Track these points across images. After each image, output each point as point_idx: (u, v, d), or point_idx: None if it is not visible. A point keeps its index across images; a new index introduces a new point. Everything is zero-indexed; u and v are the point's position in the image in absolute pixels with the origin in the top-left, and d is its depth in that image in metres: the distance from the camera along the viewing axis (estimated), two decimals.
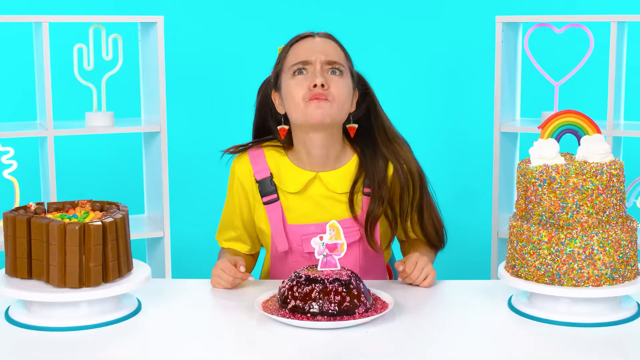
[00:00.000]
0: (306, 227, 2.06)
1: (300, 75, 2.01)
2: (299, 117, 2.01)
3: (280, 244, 2.07)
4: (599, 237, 1.69)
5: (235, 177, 2.14)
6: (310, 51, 2.02)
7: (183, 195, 3.66)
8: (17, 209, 1.78)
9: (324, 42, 2.05)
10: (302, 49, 2.04)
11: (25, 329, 1.70)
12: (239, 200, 2.13)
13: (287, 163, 2.10)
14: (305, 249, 2.06)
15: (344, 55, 2.06)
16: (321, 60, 2.01)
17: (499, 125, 3.19)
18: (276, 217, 2.07)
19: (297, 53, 2.03)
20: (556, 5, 3.64)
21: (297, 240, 2.07)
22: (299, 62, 2.01)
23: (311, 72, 2.00)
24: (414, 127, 2.26)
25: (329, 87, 1.99)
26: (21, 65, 3.45)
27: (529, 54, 3.19)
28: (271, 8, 3.74)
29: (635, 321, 1.73)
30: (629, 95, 3.33)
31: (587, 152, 1.75)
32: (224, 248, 2.21)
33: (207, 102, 3.75)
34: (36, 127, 3.09)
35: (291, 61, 2.03)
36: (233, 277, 1.95)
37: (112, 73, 3.15)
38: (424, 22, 3.77)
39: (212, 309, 1.88)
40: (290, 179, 2.08)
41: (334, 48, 2.05)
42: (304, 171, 2.08)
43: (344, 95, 2.01)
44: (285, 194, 2.08)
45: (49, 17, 2.96)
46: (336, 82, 2.00)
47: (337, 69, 2.02)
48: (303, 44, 2.05)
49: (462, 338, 1.66)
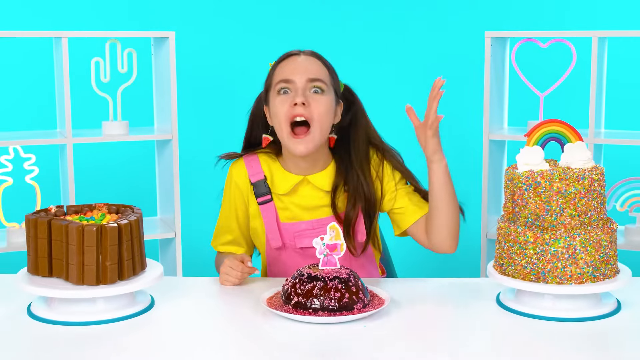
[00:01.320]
0: (298, 224, 2.07)
1: (284, 95, 2.01)
2: (284, 143, 2.03)
3: (274, 241, 2.07)
4: (581, 237, 1.69)
5: (232, 180, 2.14)
6: (294, 70, 2.01)
7: (193, 199, 3.66)
8: (39, 211, 1.78)
9: (307, 60, 2.03)
10: (287, 67, 2.03)
11: (46, 323, 1.70)
12: (234, 202, 2.13)
13: (278, 167, 2.11)
14: (298, 244, 2.06)
15: (326, 72, 2.04)
16: (303, 78, 2.00)
17: (487, 133, 3.19)
18: (270, 217, 2.08)
19: (282, 72, 2.03)
20: (541, 21, 3.65)
21: (290, 237, 2.07)
22: (282, 81, 2.01)
23: (293, 91, 2.00)
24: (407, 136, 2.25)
25: (310, 106, 1.98)
26: (42, 78, 3.45)
27: (516, 66, 3.19)
28: (274, 25, 3.75)
29: (614, 316, 1.73)
30: (609, 105, 3.33)
31: (570, 159, 1.75)
32: (220, 253, 2.18)
33: (216, 111, 3.75)
34: (56, 136, 3.09)
35: (276, 79, 2.03)
36: (241, 273, 1.95)
37: (127, 85, 3.16)
38: (417, 36, 3.78)
39: (220, 305, 1.87)
40: (281, 182, 2.09)
41: (317, 66, 2.03)
42: (292, 175, 2.09)
43: (324, 113, 2.00)
44: (278, 195, 2.09)
45: (68, 32, 2.97)
46: (317, 101, 2.00)
47: (319, 87, 2.01)
48: (288, 63, 2.03)
49: (453, 332, 1.66)
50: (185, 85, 3.50)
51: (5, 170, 2.89)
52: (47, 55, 3.28)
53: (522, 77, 3.19)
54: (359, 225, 2.06)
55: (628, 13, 3.54)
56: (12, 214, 3.02)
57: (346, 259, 2.06)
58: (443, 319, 1.74)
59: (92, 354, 1.56)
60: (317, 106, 1.99)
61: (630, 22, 3.50)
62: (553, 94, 3.23)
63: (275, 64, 2.07)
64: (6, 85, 3.53)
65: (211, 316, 1.78)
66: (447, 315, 1.77)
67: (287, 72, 2.01)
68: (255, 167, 2.11)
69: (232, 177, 2.14)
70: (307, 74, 2.00)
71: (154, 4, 3.65)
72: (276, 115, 2.01)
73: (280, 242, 2.07)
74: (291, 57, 2.05)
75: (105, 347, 1.59)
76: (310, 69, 2.02)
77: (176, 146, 3.12)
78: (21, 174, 2.94)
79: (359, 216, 2.06)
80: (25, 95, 3.54)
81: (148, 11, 3.64)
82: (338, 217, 2.05)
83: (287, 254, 2.09)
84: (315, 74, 2.01)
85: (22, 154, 2.91)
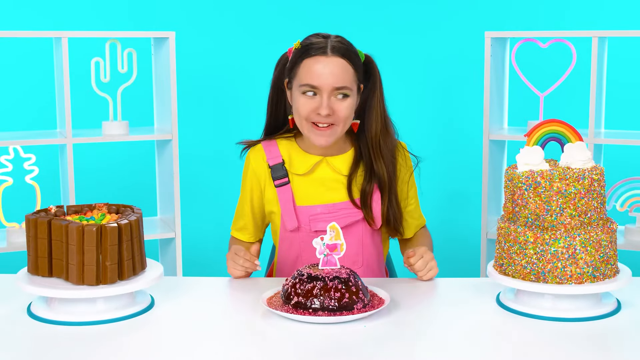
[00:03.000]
0: (314, 208, 2.09)
1: (308, 96, 2.01)
2: (303, 132, 2.06)
3: (289, 223, 2.09)
4: (581, 237, 1.69)
5: (249, 166, 2.16)
6: (321, 76, 1.99)
7: (193, 199, 3.66)
8: (39, 211, 1.78)
9: (335, 64, 2.00)
10: (314, 71, 1.99)
11: (46, 323, 1.70)
12: (250, 188, 2.16)
13: (297, 148, 2.14)
14: (313, 227, 2.08)
15: (352, 72, 2.02)
16: (329, 88, 1.99)
17: (488, 133, 3.19)
18: (286, 199, 2.10)
19: (310, 74, 2.00)
20: (541, 21, 3.65)
21: (305, 220, 2.09)
22: (308, 84, 2.00)
23: (318, 98, 2.00)
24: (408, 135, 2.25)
25: (334, 113, 2.01)
26: (42, 78, 3.45)
27: (516, 67, 3.19)
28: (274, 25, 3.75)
29: (614, 316, 1.73)
30: (609, 105, 3.33)
31: (570, 159, 1.75)
32: (232, 237, 2.24)
33: (216, 111, 3.75)
34: (56, 136, 3.09)
35: (302, 78, 2.01)
36: (243, 260, 1.97)
37: (127, 85, 3.16)
38: (417, 36, 3.78)
39: (220, 305, 1.87)
40: (299, 162, 2.12)
41: (344, 71, 2.00)
42: (312, 155, 2.12)
43: (348, 115, 2.03)
44: (295, 178, 2.11)
45: (68, 32, 2.97)
46: (342, 105, 2.01)
47: (344, 93, 2.01)
48: (316, 64, 2.00)
49: (453, 332, 1.66)
50: (185, 85, 3.50)
51: (5, 170, 2.89)
52: (47, 55, 3.28)
53: (522, 77, 3.19)
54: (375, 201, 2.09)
55: (628, 13, 3.54)
56: (12, 214, 3.02)
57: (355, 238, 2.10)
58: (443, 319, 1.74)
59: (92, 354, 1.55)
60: (341, 110, 2.01)
61: (630, 22, 3.50)
62: (553, 94, 3.23)
63: (303, 54, 2.02)
64: (6, 85, 3.53)
65: (211, 316, 1.77)
66: (447, 315, 1.77)
67: (314, 77, 1.99)
68: (273, 152, 2.13)
69: (250, 164, 2.16)
70: (334, 82, 1.99)
71: (154, 4, 3.65)
72: (298, 112, 2.03)
73: (296, 224, 2.09)
74: (320, 56, 2.00)
75: (105, 347, 1.59)
76: (337, 76, 2.00)
77: (176, 146, 3.12)
78: (21, 174, 2.94)
79: (375, 190, 2.09)
80: (25, 95, 3.54)
81: (148, 11, 3.64)
82: (354, 202, 2.09)
83: (301, 237, 2.10)
84: (341, 82, 2.00)
85: (22, 154, 2.91)
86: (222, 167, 3.64)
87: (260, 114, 2.24)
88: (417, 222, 2.22)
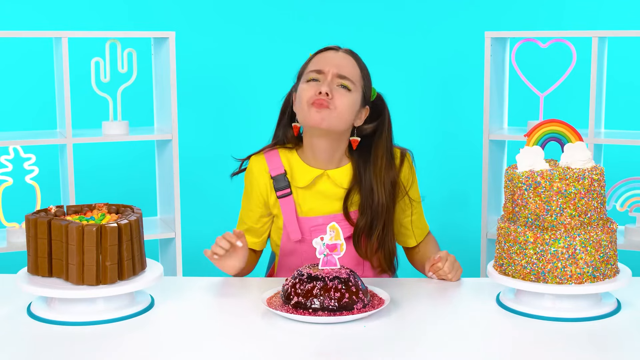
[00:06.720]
0: (315, 219, 2.10)
1: (312, 82, 2.04)
2: (301, 118, 2.06)
3: (293, 234, 2.10)
4: (581, 237, 1.69)
5: (251, 175, 2.16)
6: (326, 63, 2.05)
7: (193, 199, 3.66)
8: (39, 211, 1.78)
9: (342, 57, 2.08)
10: (321, 59, 2.07)
11: (46, 323, 1.70)
12: (250, 196, 2.16)
13: (298, 160, 2.14)
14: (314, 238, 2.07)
15: (358, 73, 2.08)
16: (333, 72, 2.04)
17: (487, 133, 3.19)
18: (289, 210, 2.10)
19: (316, 62, 2.07)
20: (541, 21, 3.65)
21: (307, 231, 2.10)
22: (314, 71, 2.05)
23: (321, 81, 2.03)
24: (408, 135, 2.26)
25: (333, 97, 2.01)
26: (42, 78, 3.45)
27: (516, 67, 3.19)
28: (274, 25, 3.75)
29: (614, 316, 1.73)
30: (609, 105, 3.33)
31: (570, 159, 1.75)
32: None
33: (216, 111, 3.75)
34: (56, 136, 3.09)
35: (309, 68, 2.07)
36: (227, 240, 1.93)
37: (127, 85, 3.16)
38: (417, 36, 3.78)
39: (220, 305, 1.87)
40: (300, 175, 2.12)
41: (350, 65, 2.07)
42: (312, 168, 2.12)
43: (346, 107, 2.03)
44: (297, 189, 2.11)
45: (68, 32, 2.97)
46: (341, 95, 2.03)
47: (346, 85, 2.04)
48: (324, 56, 2.08)
49: (453, 331, 1.66)
50: (185, 85, 3.50)
51: (5, 170, 2.89)
52: (47, 55, 3.28)
53: (522, 77, 3.19)
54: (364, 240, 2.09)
55: (628, 13, 3.54)
56: (12, 214, 3.02)
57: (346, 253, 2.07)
58: (443, 319, 1.74)
59: (92, 354, 1.55)
60: (339, 97, 2.03)
61: (630, 22, 3.50)
62: (553, 94, 3.23)
63: (313, 55, 2.11)
64: (6, 85, 3.54)
65: (211, 316, 1.78)
66: (447, 315, 1.77)
67: (320, 63, 2.06)
68: (275, 162, 2.13)
69: (252, 172, 2.16)
70: (337, 69, 2.04)
71: (154, 4, 3.65)
72: (299, 98, 2.05)
73: (300, 235, 2.10)
74: (329, 50, 2.10)
75: (105, 347, 1.59)
76: (343, 65, 2.05)
77: (176, 146, 3.12)
78: (21, 174, 2.94)
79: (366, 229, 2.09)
80: (25, 95, 3.55)
81: (148, 11, 3.64)
82: (349, 218, 2.09)
83: (303, 248, 2.11)
84: (345, 71, 2.05)
85: (22, 154, 2.91)
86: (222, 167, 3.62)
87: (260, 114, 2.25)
88: (421, 230, 2.23)
